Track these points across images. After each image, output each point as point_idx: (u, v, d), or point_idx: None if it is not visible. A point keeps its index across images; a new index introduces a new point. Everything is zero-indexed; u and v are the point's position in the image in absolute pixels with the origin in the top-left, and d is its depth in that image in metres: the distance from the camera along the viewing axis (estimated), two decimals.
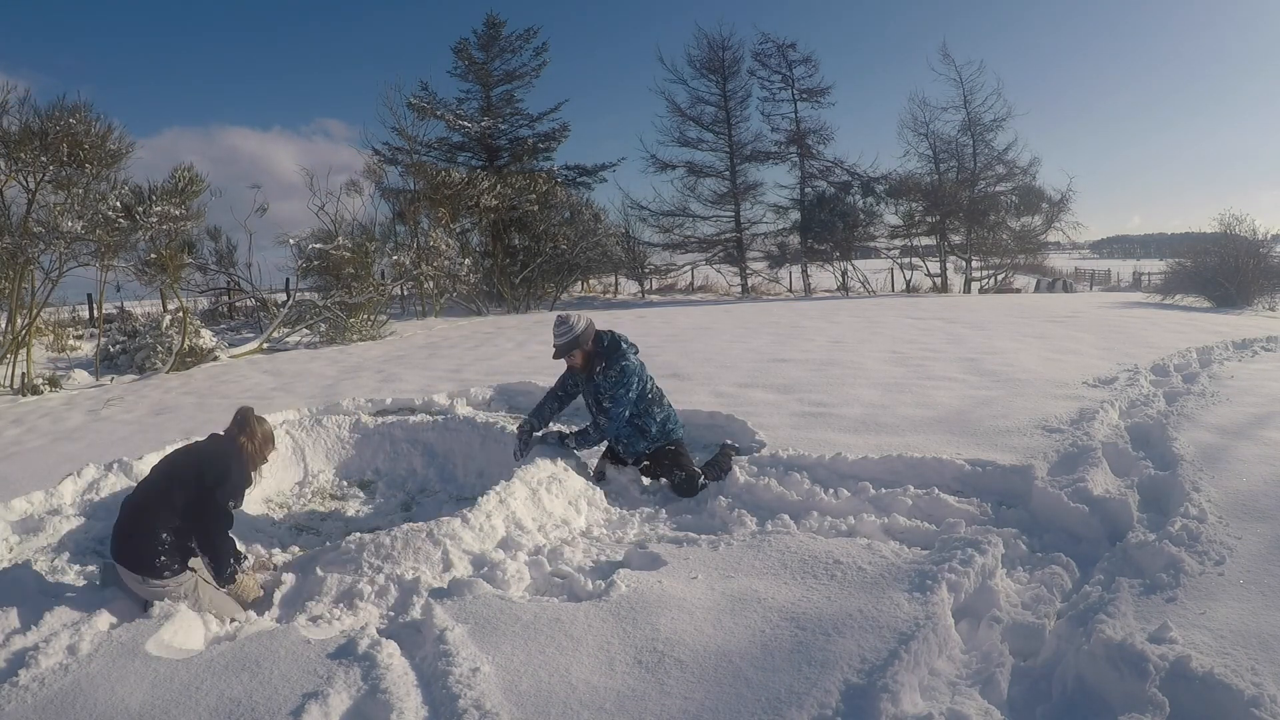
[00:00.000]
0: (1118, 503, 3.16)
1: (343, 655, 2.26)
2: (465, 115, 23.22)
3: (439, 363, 8.43)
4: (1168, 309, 13.51)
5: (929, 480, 3.68)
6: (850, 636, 2.23)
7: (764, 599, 2.50)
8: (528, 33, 23.44)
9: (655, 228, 25.48)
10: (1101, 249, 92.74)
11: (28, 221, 8.44)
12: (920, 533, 3.17)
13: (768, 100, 25.49)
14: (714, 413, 4.98)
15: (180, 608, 2.63)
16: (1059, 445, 3.97)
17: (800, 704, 1.94)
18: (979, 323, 10.41)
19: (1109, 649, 2.05)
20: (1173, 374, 6.01)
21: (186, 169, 10.40)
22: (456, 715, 1.96)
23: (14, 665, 2.27)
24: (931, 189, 23.12)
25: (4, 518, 3.65)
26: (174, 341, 9.73)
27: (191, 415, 6.12)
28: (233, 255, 15.92)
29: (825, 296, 21.71)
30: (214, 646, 2.44)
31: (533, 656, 2.23)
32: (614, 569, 2.89)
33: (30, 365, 8.91)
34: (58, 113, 8.36)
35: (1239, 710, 1.79)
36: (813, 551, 2.84)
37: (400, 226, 18.43)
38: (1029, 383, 5.63)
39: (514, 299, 18.86)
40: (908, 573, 2.61)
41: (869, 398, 5.36)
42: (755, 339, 9.26)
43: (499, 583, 2.81)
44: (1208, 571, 2.50)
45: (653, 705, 1.99)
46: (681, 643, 2.26)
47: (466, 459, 4.80)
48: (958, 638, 2.34)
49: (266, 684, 2.12)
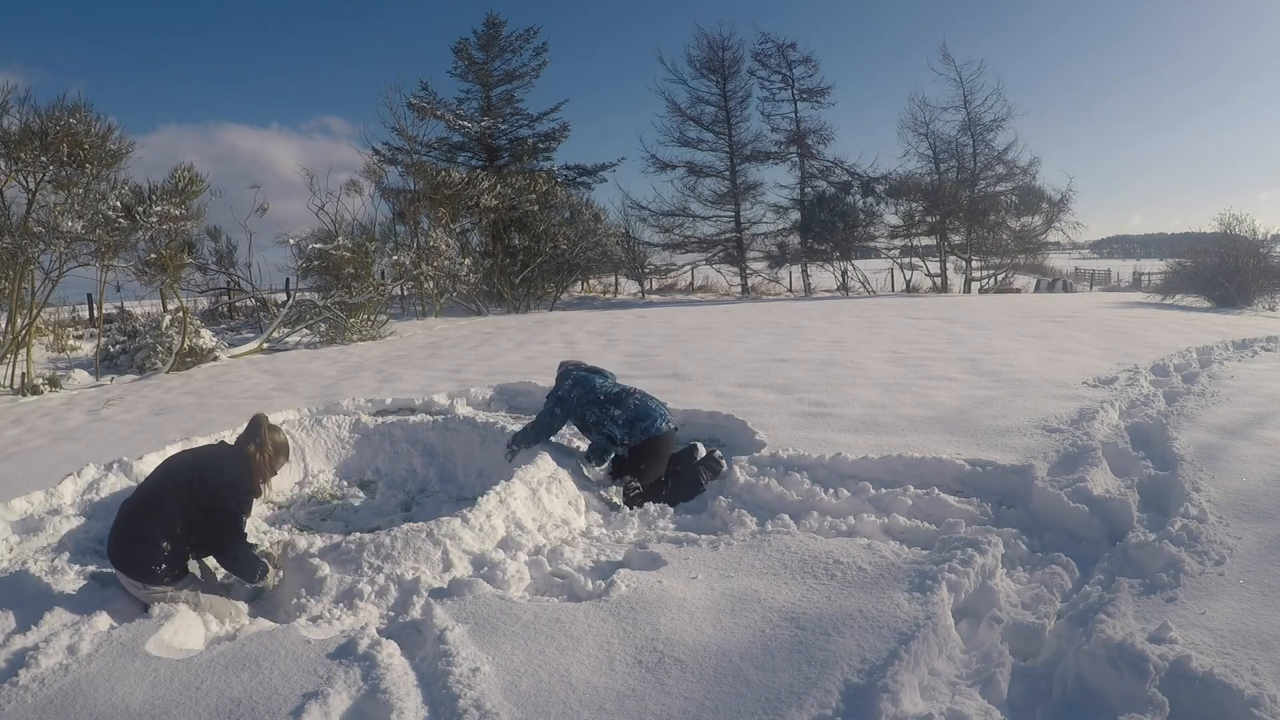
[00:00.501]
0: (1118, 503, 3.16)
1: (343, 655, 2.26)
2: (465, 115, 23.22)
3: (439, 363, 8.43)
4: (1168, 309, 13.51)
5: (929, 480, 3.68)
6: (850, 636, 2.23)
7: (764, 599, 2.50)
8: (528, 33, 23.48)
9: (655, 228, 25.51)
10: (1101, 249, 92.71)
11: (28, 221, 8.44)
12: (920, 533, 3.17)
13: (768, 100, 25.52)
14: (714, 413, 4.98)
15: (180, 608, 2.63)
16: (1059, 445, 3.97)
17: (800, 704, 1.94)
18: (979, 323, 10.42)
19: (1109, 649, 2.05)
20: (1173, 374, 6.01)
21: (186, 169, 10.39)
22: (456, 715, 1.96)
23: (14, 665, 2.27)
24: (931, 189, 23.12)
25: (4, 518, 3.65)
26: (174, 341, 9.73)
27: (191, 415, 6.12)
28: (233, 255, 15.92)
29: (825, 296, 21.71)
30: (214, 646, 2.44)
31: (533, 656, 2.23)
32: (614, 569, 2.89)
33: (30, 365, 8.91)
34: (58, 112, 8.35)
35: (1239, 710, 1.79)
36: (813, 551, 2.84)
37: (400, 226, 18.43)
38: (1029, 383, 5.63)
39: (514, 299, 18.86)
40: (908, 573, 2.61)
41: (869, 398, 5.36)
42: (755, 339, 9.26)
43: (499, 583, 2.81)
44: (1208, 571, 2.50)
45: (653, 705, 1.99)
46: (681, 642, 2.26)
47: (466, 459, 4.80)
48: (958, 638, 2.35)
49: (266, 684, 2.12)
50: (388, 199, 18.85)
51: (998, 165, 23.71)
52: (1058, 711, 1.99)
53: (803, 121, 25.15)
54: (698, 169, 25.31)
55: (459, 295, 17.26)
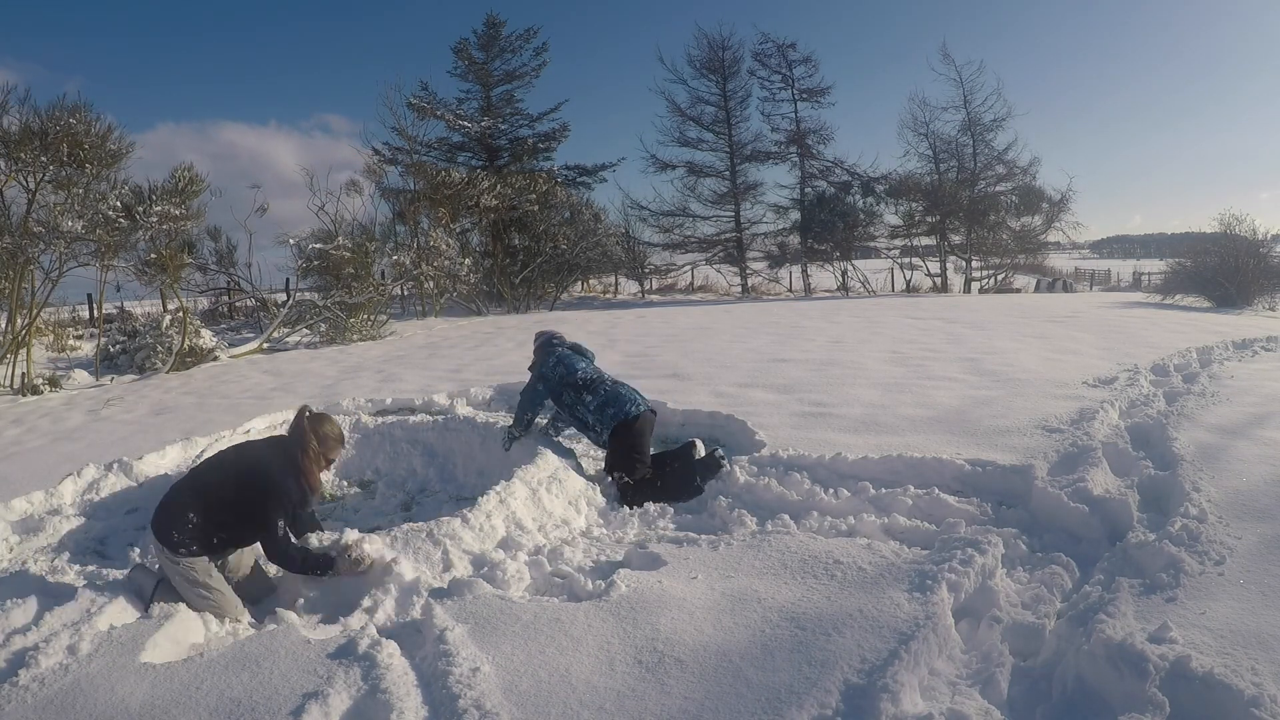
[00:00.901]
0: (1118, 503, 3.16)
1: (343, 655, 2.26)
2: (465, 115, 23.20)
3: (439, 363, 8.43)
4: (1168, 309, 13.51)
5: (929, 480, 3.68)
6: (850, 636, 2.23)
7: (764, 599, 2.50)
8: (528, 33, 23.46)
9: (655, 228, 25.49)
10: (1102, 249, 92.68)
11: (28, 221, 8.44)
12: (920, 533, 3.17)
13: (768, 100, 25.51)
14: (714, 413, 4.98)
15: (179, 608, 2.63)
16: (1059, 445, 3.97)
17: (800, 703, 1.94)
18: (979, 323, 10.42)
19: (1109, 649, 2.05)
20: (1173, 374, 6.01)
21: (186, 169, 10.39)
22: (456, 715, 1.96)
23: (14, 665, 2.27)
24: (931, 189, 23.11)
25: (4, 518, 3.65)
26: (174, 341, 9.73)
27: (191, 415, 6.12)
28: (233, 255, 15.92)
29: (825, 296, 21.71)
30: (214, 646, 2.44)
31: (533, 656, 2.23)
32: (614, 569, 2.89)
33: (30, 365, 8.91)
34: (58, 112, 8.35)
35: (1239, 710, 1.79)
36: (813, 551, 2.84)
37: (400, 226, 18.43)
38: (1029, 383, 5.63)
39: (514, 299, 18.85)
40: (908, 573, 2.61)
41: (869, 398, 5.36)
42: (755, 339, 9.26)
43: (499, 582, 2.81)
44: (1208, 571, 2.50)
45: (653, 705, 1.99)
46: (681, 642, 2.26)
47: (466, 459, 4.80)
48: (958, 638, 2.35)
49: (266, 684, 2.12)
50: (388, 199, 18.86)
51: (998, 165, 23.71)
52: (1058, 711, 1.99)
53: (803, 121, 25.16)
54: (698, 169, 25.31)
55: (459, 295, 17.26)
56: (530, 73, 23.82)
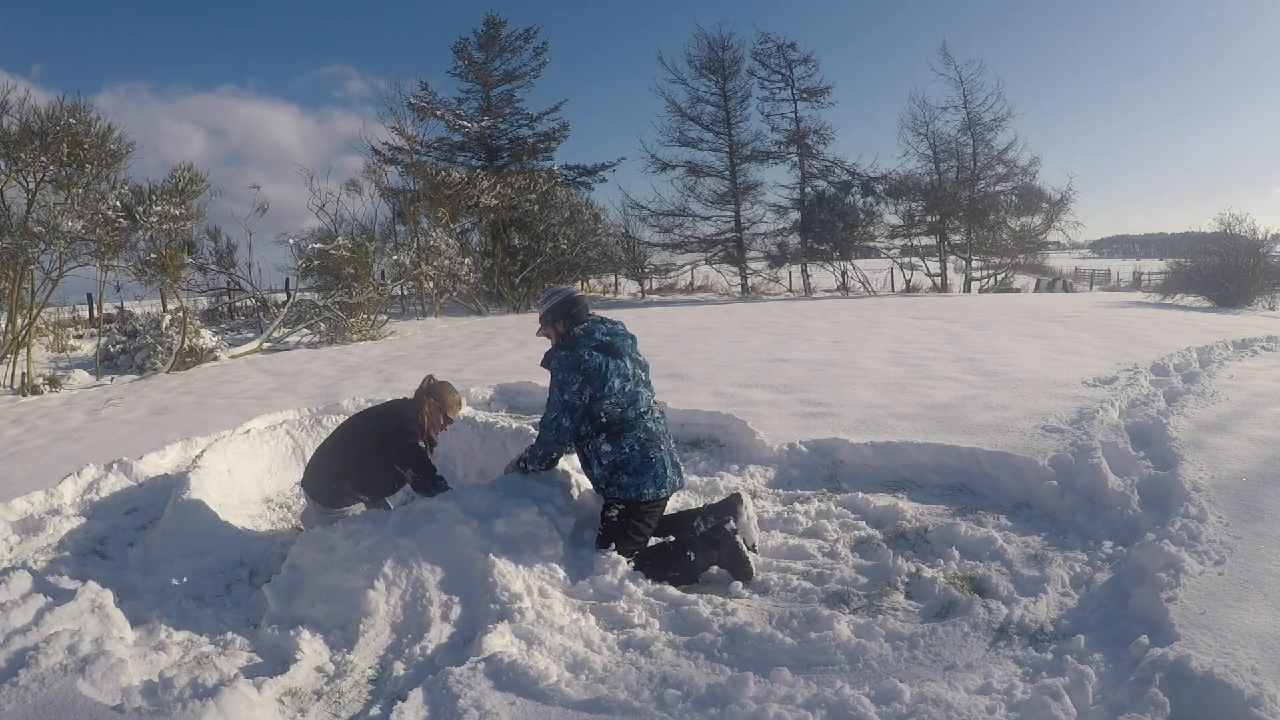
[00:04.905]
0: (1117, 502, 3.16)
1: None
2: (465, 115, 23.18)
3: (439, 363, 8.43)
4: (1168, 309, 13.51)
5: (929, 480, 3.68)
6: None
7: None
8: (527, 32, 23.43)
9: (655, 228, 25.41)
10: (1102, 248, 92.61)
11: (28, 221, 8.44)
12: (920, 532, 3.17)
13: (768, 100, 25.42)
14: (714, 413, 4.97)
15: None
16: (1059, 445, 3.97)
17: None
18: (979, 322, 10.41)
19: (1109, 648, 2.05)
20: (1173, 374, 6.00)
21: (186, 169, 10.39)
22: (456, 715, 1.96)
23: (14, 665, 2.26)
24: (931, 189, 23.09)
25: (4, 518, 3.65)
26: (174, 341, 9.73)
27: (192, 415, 6.12)
28: (233, 255, 15.91)
29: (825, 296, 21.69)
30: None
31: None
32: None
33: (30, 365, 8.91)
34: (58, 112, 8.35)
35: (1239, 710, 1.79)
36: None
37: (400, 226, 18.41)
38: (1029, 382, 5.63)
39: (514, 299, 18.84)
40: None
41: (869, 398, 5.36)
42: (755, 339, 9.25)
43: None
44: (1208, 571, 2.50)
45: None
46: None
47: (466, 459, 4.80)
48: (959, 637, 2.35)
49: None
50: (388, 199, 18.84)
51: (998, 165, 23.66)
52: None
53: (803, 121, 25.08)
54: (698, 169, 25.26)
55: (459, 295, 17.26)
56: (530, 73, 23.81)
